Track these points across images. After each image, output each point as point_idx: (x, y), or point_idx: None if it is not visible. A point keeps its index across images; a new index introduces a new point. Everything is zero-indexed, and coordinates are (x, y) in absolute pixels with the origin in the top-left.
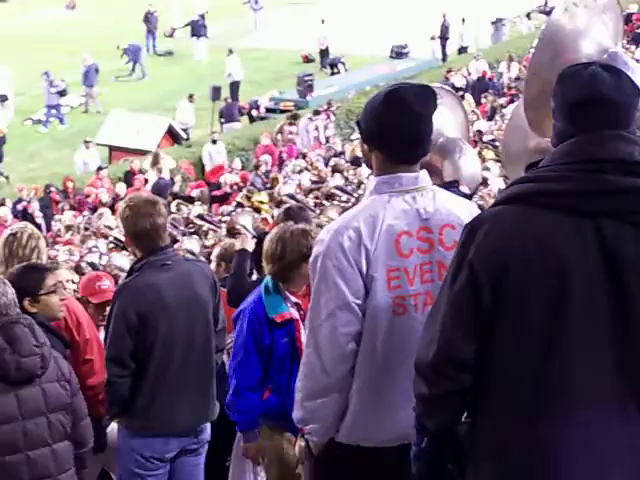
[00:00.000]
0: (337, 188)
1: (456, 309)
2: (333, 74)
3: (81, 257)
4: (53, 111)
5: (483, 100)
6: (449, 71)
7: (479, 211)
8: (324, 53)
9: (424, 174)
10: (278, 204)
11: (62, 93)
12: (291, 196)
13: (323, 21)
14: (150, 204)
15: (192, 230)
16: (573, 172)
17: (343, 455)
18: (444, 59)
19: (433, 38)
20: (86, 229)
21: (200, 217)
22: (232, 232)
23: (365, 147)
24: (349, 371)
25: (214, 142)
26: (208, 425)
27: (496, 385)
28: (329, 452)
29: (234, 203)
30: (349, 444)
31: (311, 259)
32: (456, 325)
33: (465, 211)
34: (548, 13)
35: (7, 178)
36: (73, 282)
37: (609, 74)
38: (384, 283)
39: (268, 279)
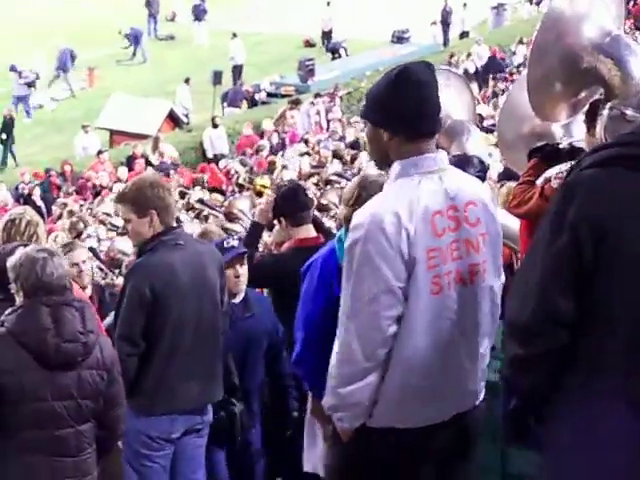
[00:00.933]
0: (336, 174)
1: (555, 268)
2: (334, 59)
3: None
4: (20, 105)
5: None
6: (452, 56)
7: (489, 188)
8: (327, 35)
9: (443, 154)
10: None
11: (31, 84)
12: (292, 181)
13: (329, 3)
14: (161, 181)
15: (193, 215)
16: None
17: (377, 439)
18: (445, 44)
19: (434, 23)
20: (89, 210)
21: (200, 201)
22: (230, 216)
23: (382, 137)
24: (386, 354)
25: (215, 126)
26: (210, 406)
27: (592, 340)
28: (363, 437)
29: (230, 188)
30: (382, 427)
31: (348, 244)
32: (554, 283)
33: (480, 188)
34: (538, 3)
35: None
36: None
37: None
38: (425, 264)
39: (342, 230)
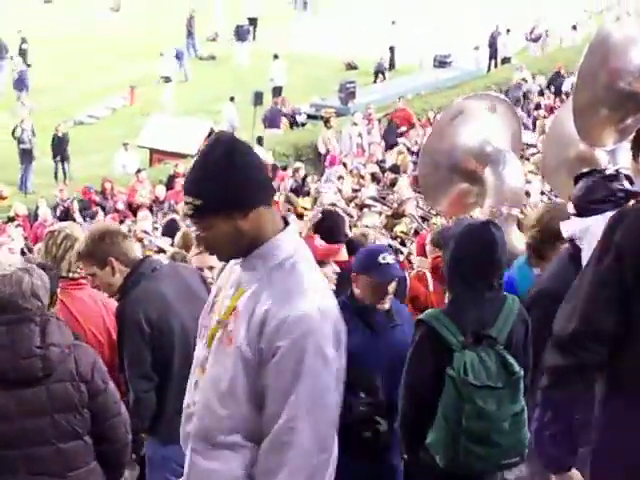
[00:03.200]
0: (371, 198)
1: (600, 286)
2: (375, 81)
3: None
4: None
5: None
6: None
7: None
8: (392, 51)
9: None
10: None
11: None
12: (333, 204)
13: (394, 22)
14: (110, 228)
15: None
16: None
17: None
18: (489, 69)
19: (477, 48)
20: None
21: None
22: None
23: (237, 223)
24: None
25: (261, 145)
26: None
27: (627, 362)
28: None
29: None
30: None
31: (290, 344)
32: (598, 300)
33: None
34: (535, 40)
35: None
36: None
37: None
38: None
39: (524, 256)
